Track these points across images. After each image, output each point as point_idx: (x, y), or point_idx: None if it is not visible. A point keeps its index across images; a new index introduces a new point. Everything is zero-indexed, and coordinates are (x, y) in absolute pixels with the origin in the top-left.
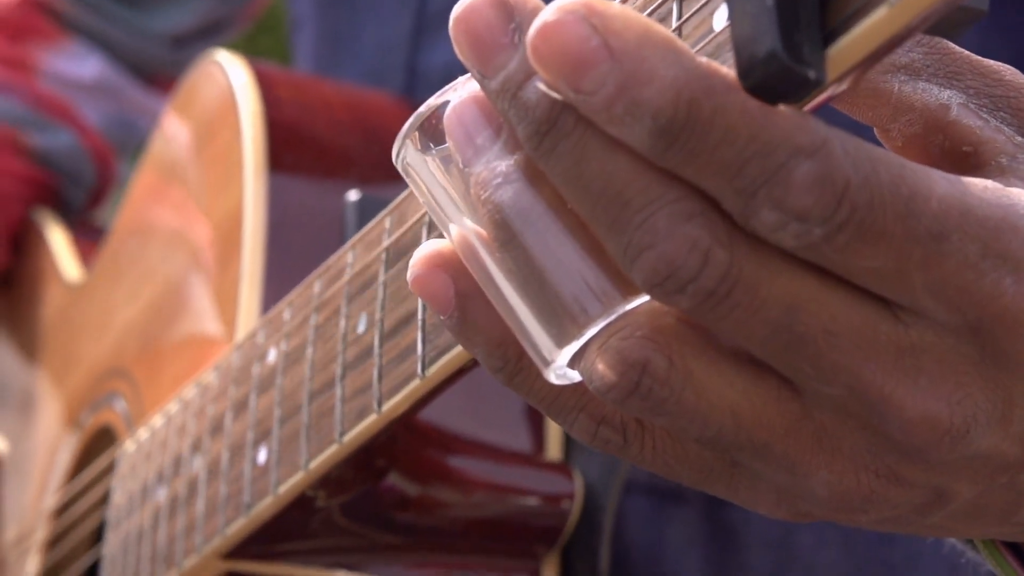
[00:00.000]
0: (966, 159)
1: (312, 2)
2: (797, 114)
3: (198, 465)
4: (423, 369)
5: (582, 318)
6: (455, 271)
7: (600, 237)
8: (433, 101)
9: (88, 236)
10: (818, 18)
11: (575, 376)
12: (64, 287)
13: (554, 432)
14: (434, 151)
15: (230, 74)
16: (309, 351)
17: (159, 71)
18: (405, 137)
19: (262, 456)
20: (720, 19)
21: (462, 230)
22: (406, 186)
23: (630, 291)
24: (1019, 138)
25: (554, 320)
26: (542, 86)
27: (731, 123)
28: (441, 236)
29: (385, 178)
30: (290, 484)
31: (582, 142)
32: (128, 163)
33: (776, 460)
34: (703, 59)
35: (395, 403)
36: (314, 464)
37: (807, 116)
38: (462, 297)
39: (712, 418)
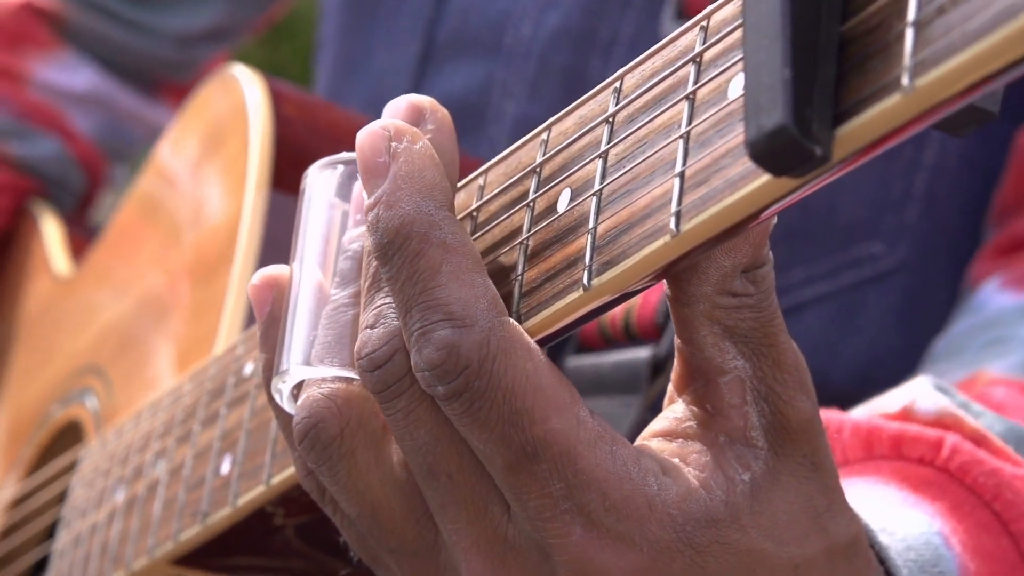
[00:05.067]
0: (703, 415)
1: (334, 25)
2: (473, 291)
3: (160, 469)
4: None
5: (318, 359)
6: (277, 296)
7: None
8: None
9: (81, 232)
10: (832, 97)
11: (289, 406)
12: (52, 280)
13: None
14: (339, 201)
15: (245, 89)
16: None
17: (162, 76)
18: (325, 167)
19: (225, 466)
20: (735, 89)
21: (307, 268)
22: None
23: None
24: (754, 433)
25: (306, 350)
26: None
27: (421, 269)
28: None
29: None
30: (250, 497)
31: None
32: (127, 169)
33: (401, 571)
34: (441, 210)
35: None
36: (276, 480)
37: (483, 297)
38: (271, 318)
39: (354, 500)
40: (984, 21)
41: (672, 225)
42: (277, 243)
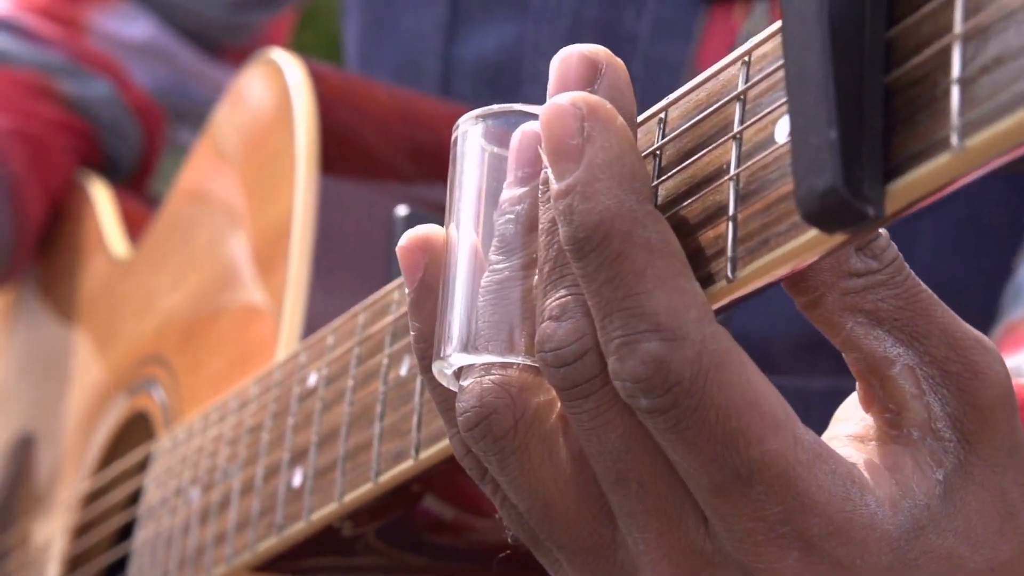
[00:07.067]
0: (887, 415)
1: None
2: (683, 299)
3: (232, 476)
4: None
5: (484, 343)
6: (431, 261)
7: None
8: (522, 107)
9: (141, 203)
10: (881, 153)
11: (452, 384)
12: (109, 260)
13: None
14: (495, 149)
15: (286, 73)
16: (350, 383)
17: (220, 39)
18: (479, 118)
19: (297, 479)
20: (782, 131)
21: (464, 230)
22: None
23: (533, 352)
24: (941, 424)
25: (470, 331)
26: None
27: (624, 272)
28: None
29: (432, 191)
30: (323, 513)
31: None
32: (189, 130)
33: (571, 567)
34: (644, 204)
35: (433, 452)
36: (348, 498)
37: (694, 306)
38: (424, 285)
39: (525, 494)
40: None
41: (728, 271)
42: (331, 234)
